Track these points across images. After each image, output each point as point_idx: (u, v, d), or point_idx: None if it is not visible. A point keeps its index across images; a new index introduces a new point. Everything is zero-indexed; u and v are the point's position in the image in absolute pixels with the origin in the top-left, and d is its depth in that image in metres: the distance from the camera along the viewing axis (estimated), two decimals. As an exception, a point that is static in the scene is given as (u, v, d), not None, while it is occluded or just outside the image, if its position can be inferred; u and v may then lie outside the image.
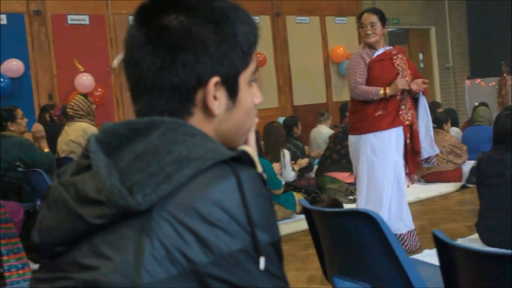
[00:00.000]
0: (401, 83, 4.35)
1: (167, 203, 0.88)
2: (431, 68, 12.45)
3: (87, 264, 0.90)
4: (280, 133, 6.67)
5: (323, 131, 8.46)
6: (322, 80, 10.39)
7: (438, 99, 11.85)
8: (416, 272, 1.97)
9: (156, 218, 0.88)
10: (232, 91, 1.03)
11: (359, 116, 4.53)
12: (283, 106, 9.87)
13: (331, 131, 8.25)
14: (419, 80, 4.44)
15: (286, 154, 6.56)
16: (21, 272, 4.34)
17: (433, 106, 7.41)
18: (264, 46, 9.37)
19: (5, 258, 4.34)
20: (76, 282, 0.91)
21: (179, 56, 0.98)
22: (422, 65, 12.28)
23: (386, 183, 4.42)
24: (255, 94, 1.10)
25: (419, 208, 6.23)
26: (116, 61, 8.18)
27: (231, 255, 0.87)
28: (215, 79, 1.00)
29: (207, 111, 1.01)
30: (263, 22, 9.48)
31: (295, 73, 10.06)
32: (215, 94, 1.01)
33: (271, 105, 9.57)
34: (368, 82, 4.45)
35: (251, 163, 0.96)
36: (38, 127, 5.32)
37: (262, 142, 6.49)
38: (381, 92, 4.37)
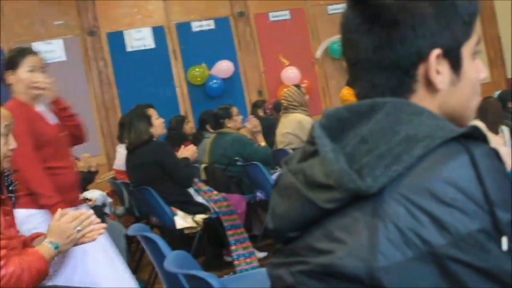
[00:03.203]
0: None
1: (398, 184, 0.86)
2: None
3: (322, 248, 0.91)
4: (497, 109, 6.27)
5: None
6: (539, 48, 9.59)
7: None
8: None
9: (388, 200, 0.86)
10: (456, 64, 0.99)
11: None
12: (495, 81, 9.27)
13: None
14: None
15: (505, 130, 6.15)
16: (248, 260, 4.59)
17: None
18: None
19: (233, 247, 4.61)
20: (313, 266, 0.92)
21: (397, 32, 0.96)
22: None
23: None
24: (479, 68, 1.04)
25: None
26: (319, 52, 8.29)
27: (470, 236, 0.83)
28: (436, 52, 0.96)
29: (430, 87, 0.98)
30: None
31: (506, 44, 9.39)
32: (437, 68, 0.97)
33: (483, 80, 9.03)
34: None
35: (484, 139, 0.90)
36: (254, 122, 5.57)
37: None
38: None
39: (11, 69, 3.21)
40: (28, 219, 3.11)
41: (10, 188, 3.05)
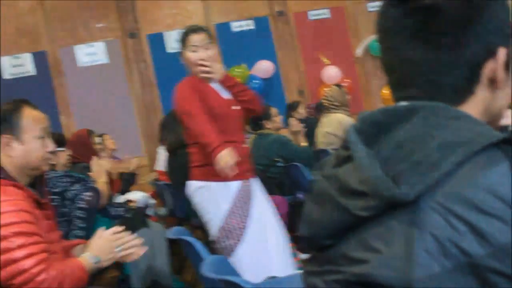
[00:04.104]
0: None
1: (435, 192, 0.83)
2: None
3: (356, 257, 0.89)
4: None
5: None
6: None
7: None
8: None
9: (425, 209, 0.83)
10: (509, 65, 0.96)
11: None
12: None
13: None
14: None
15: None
16: (290, 261, 4.56)
17: None
18: None
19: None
20: (346, 275, 0.90)
21: (441, 35, 0.92)
22: None
23: None
24: None
25: None
26: (359, 50, 8.21)
27: (510, 246, 0.80)
28: (504, 50, 0.93)
29: (490, 88, 0.95)
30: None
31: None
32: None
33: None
34: None
35: None
36: (292, 121, 5.55)
37: None
38: None
39: (182, 50, 3.40)
40: (196, 193, 3.18)
41: None
